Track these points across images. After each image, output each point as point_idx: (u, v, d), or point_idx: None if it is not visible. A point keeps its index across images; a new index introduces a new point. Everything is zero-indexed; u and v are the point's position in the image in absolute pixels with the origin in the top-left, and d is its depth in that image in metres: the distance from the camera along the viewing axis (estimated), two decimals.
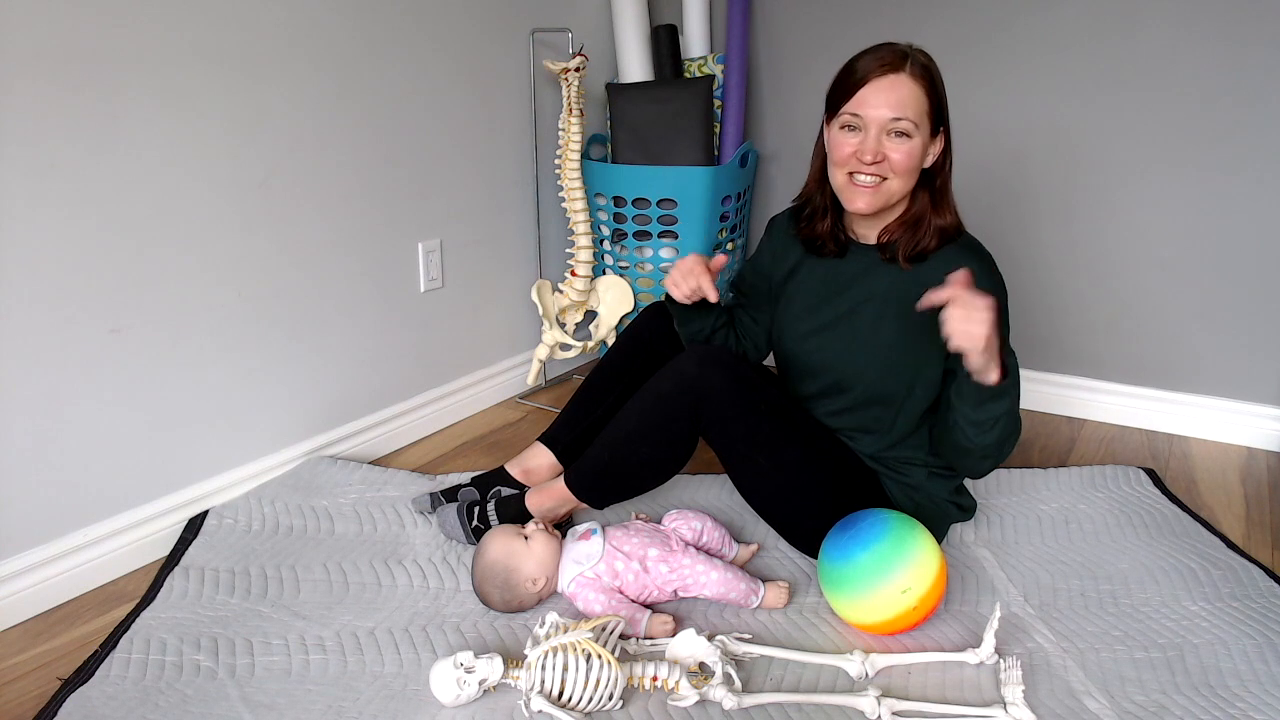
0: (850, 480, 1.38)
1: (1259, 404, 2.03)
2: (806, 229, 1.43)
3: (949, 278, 1.17)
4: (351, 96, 1.76)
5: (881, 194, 1.29)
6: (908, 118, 1.24)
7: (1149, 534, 1.57)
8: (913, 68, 1.25)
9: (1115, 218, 2.09)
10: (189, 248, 1.52)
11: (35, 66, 1.27)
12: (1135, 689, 1.17)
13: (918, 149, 1.27)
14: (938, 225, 1.31)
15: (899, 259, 1.32)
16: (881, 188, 1.28)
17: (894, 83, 1.24)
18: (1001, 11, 2.12)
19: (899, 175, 1.27)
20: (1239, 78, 1.90)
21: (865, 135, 1.26)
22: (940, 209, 1.32)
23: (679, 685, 1.12)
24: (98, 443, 1.43)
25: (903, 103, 1.24)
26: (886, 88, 1.24)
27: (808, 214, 1.44)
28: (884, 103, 1.24)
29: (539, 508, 1.45)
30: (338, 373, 1.85)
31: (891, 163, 1.26)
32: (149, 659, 1.22)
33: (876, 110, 1.25)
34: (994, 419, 1.22)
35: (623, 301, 2.25)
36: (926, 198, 1.32)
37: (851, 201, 1.31)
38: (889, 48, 1.27)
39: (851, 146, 1.27)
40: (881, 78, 1.24)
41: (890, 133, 1.25)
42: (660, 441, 1.36)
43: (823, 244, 1.41)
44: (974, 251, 1.32)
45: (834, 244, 1.40)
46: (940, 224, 1.31)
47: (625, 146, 2.23)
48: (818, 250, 1.43)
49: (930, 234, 1.31)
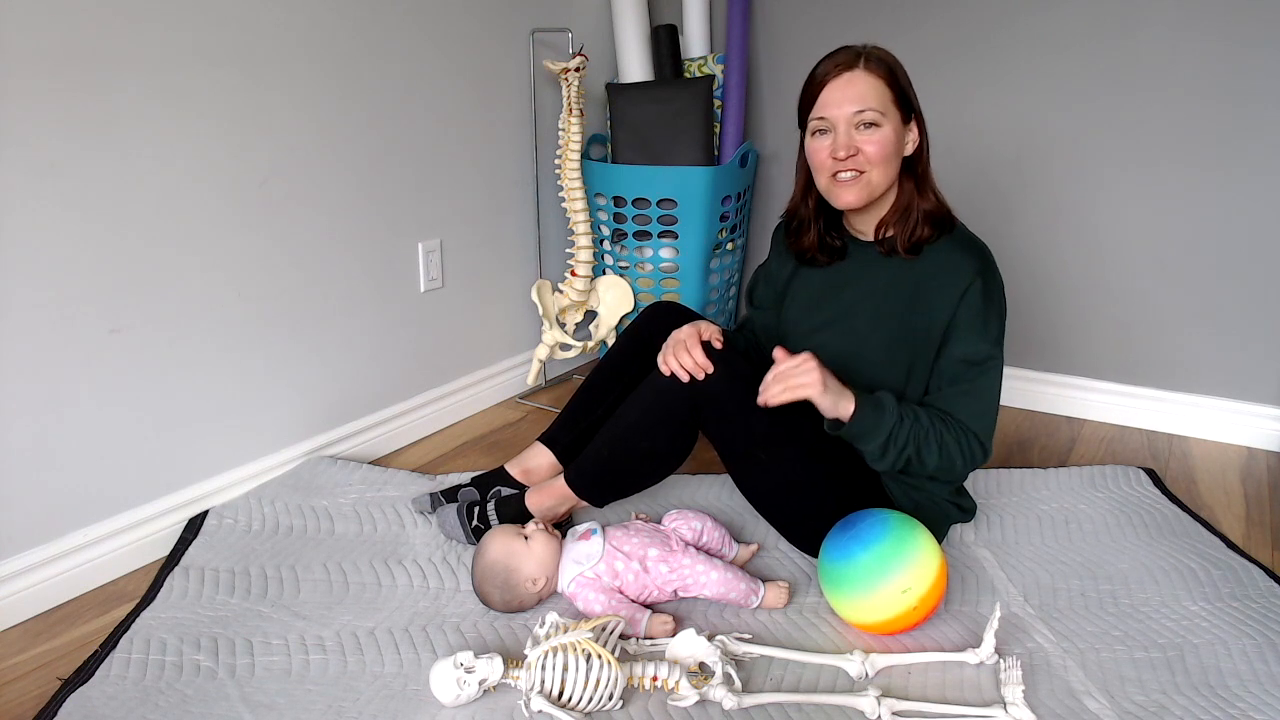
0: (851, 479, 1.39)
1: (1259, 404, 2.03)
2: (795, 243, 1.47)
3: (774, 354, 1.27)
4: (351, 96, 1.76)
5: (865, 186, 1.31)
6: (870, 107, 1.27)
7: (1149, 534, 1.57)
8: (867, 63, 1.29)
9: (1115, 218, 2.09)
10: (189, 248, 1.52)
11: (35, 66, 1.27)
12: (1135, 689, 1.17)
13: (890, 137, 1.29)
14: (924, 210, 1.33)
15: (899, 251, 1.34)
16: (863, 180, 1.30)
17: (850, 79, 1.28)
18: (1000, 12, 2.12)
19: (876, 165, 1.30)
20: (1238, 78, 1.91)
21: (835, 134, 1.30)
22: (924, 194, 1.34)
23: (679, 685, 1.12)
24: (98, 443, 1.43)
25: (862, 95, 1.27)
26: (844, 85, 1.28)
27: (795, 227, 1.47)
28: (844, 99, 1.28)
29: (539, 507, 1.46)
30: (338, 373, 1.85)
31: (866, 155, 1.29)
32: (149, 659, 1.22)
33: (839, 108, 1.28)
34: (880, 448, 1.27)
35: (623, 301, 2.25)
36: (911, 185, 1.35)
37: (839, 198, 1.33)
38: (843, 50, 1.31)
39: (826, 150, 1.31)
40: (838, 77, 1.29)
41: (858, 125, 1.28)
42: (660, 438, 1.36)
43: (812, 256, 1.44)
44: (971, 246, 1.33)
45: (825, 254, 1.43)
46: (926, 208, 1.33)
47: (625, 146, 2.23)
48: (809, 262, 1.46)
49: (919, 220, 1.33)
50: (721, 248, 2.32)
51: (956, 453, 1.30)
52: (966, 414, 1.31)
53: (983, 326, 1.30)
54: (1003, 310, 1.34)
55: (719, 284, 2.36)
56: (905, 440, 1.27)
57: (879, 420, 1.25)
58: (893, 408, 1.26)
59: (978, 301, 1.29)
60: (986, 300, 1.30)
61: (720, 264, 2.33)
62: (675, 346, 1.35)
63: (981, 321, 1.30)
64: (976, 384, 1.32)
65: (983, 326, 1.30)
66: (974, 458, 1.32)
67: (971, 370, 1.31)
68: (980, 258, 1.31)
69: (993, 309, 1.31)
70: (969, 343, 1.30)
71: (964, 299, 1.29)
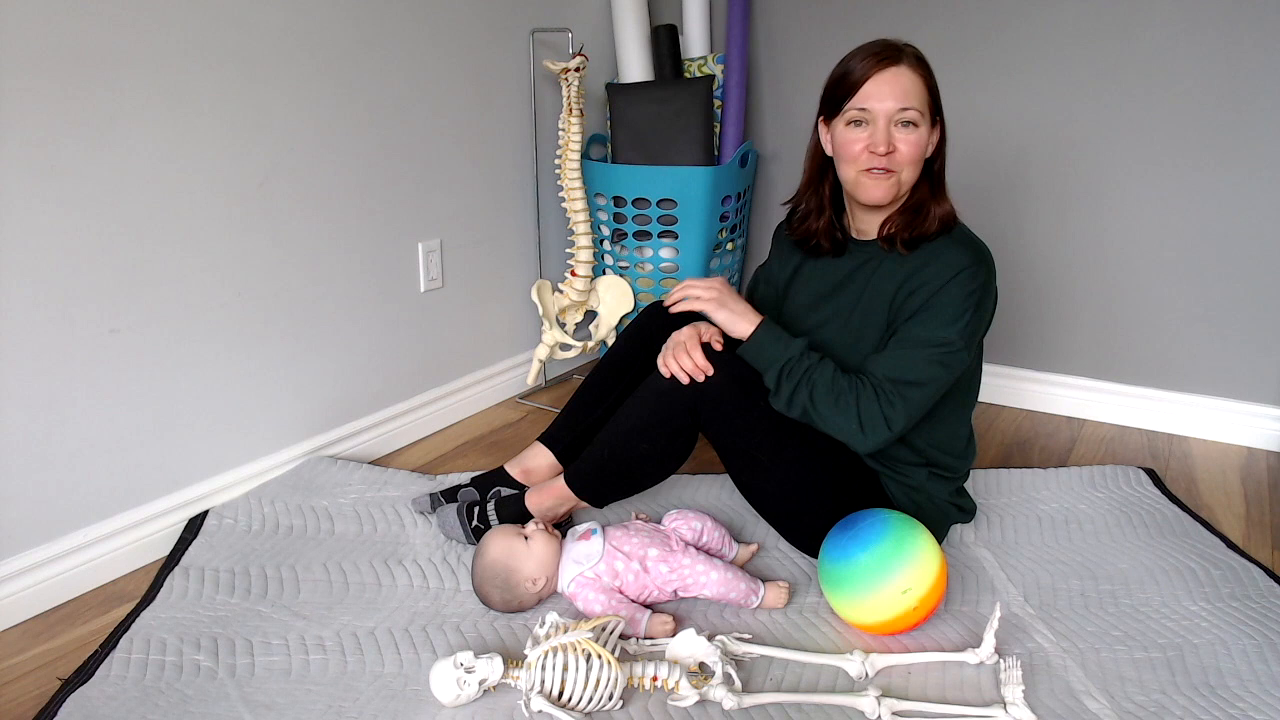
0: (850, 479, 1.39)
1: (1259, 404, 2.03)
2: (800, 228, 1.45)
3: None
4: (351, 96, 1.76)
5: (895, 185, 1.31)
6: (914, 107, 1.27)
7: (1149, 534, 1.57)
8: (909, 60, 1.29)
9: (1115, 218, 2.09)
10: (189, 248, 1.52)
11: (35, 66, 1.27)
12: (1135, 689, 1.17)
13: (924, 139, 1.30)
14: (939, 213, 1.32)
15: (897, 245, 1.33)
16: (893, 179, 1.30)
17: (896, 74, 1.27)
18: (1000, 12, 2.12)
19: (908, 165, 1.30)
20: (1238, 77, 1.91)
21: (874, 128, 1.28)
22: (940, 197, 1.34)
23: (679, 685, 1.12)
24: (98, 443, 1.43)
25: (907, 92, 1.27)
26: (890, 79, 1.27)
27: (801, 214, 1.46)
28: (889, 94, 1.27)
29: (539, 506, 1.46)
30: (338, 373, 1.85)
31: (901, 154, 1.29)
32: (149, 659, 1.22)
33: (883, 102, 1.27)
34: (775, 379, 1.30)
35: (622, 301, 2.25)
36: (926, 187, 1.34)
37: (868, 193, 1.32)
38: (883, 43, 1.29)
39: (862, 142, 1.29)
40: (883, 71, 1.27)
41: (898, 123, 1.28)
42: (660, 439, 1.36)
43: (817, 243, 1.43)
44: (968, 243, 1.31)
45: (829, 242, 1.42)
46: (940, 211, 1.33)
47: (625, 146, 2.23)
48: (813, 250, 1.45)
49: (931, 220, 1.32)
50: (721, 248, 2.32)
51: (854, 414, 1.26)
52: (882, 373, 1.27)
53: (954, 315, 1.26)
54: (982, 308, 1.30)
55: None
56: (800, 378, 1.27)
57: (776, 348, 1.30)
58: (799, 345, 1.29)
59: (957, 290, 1.26)
60: (967, 291, 1.26)
61: (720, 264, 2.33)
62: (675, 348, 1.34)
63: (955, 310, 1.26)
64: (910, 354, 1.27)
65: (954, 315, 1.26)
66: (875, 428, 1.26)
67: (916, 345, 1.27)
68: (975, 253, 1.29)
69: (970, 301, 1.27)
70: (929, 325, 1.27)
71: (945, 286, 1.26)
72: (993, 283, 1.32)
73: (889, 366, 1.28)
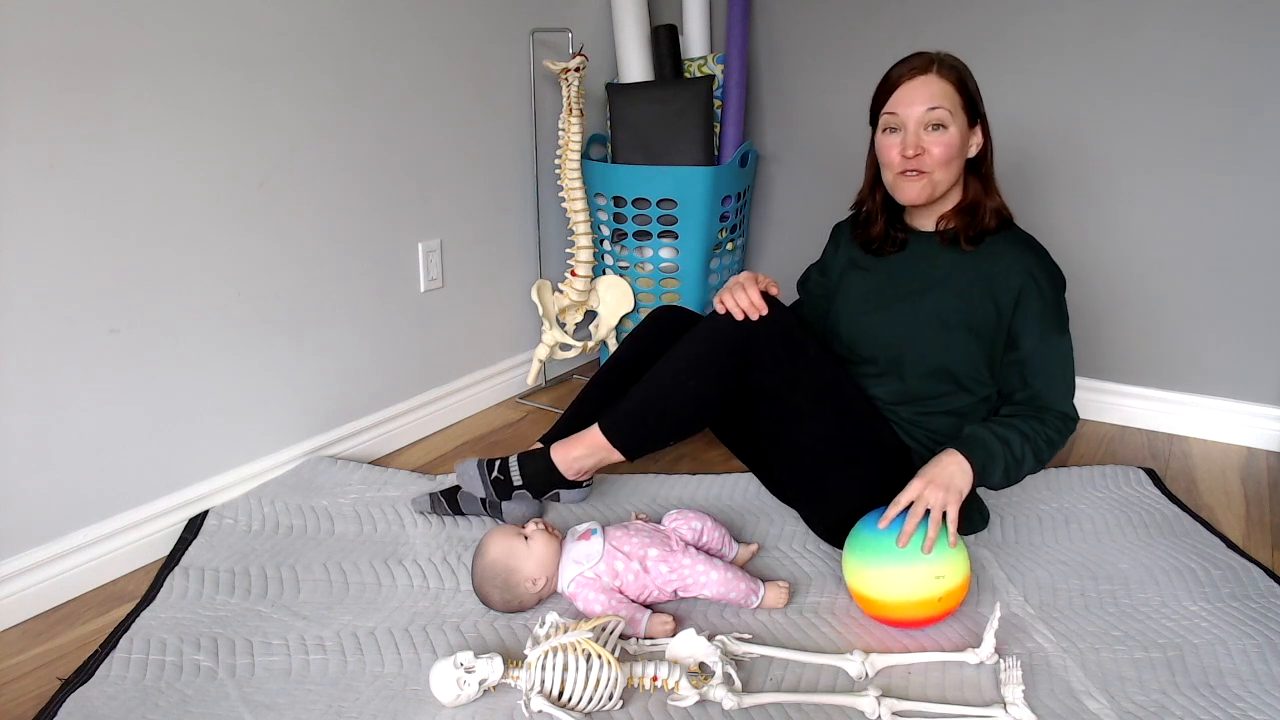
0: (884, 452, 1.43)
1: (1259, 404, 2.03)
2: (862, 234, 1.54)
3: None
4: (351, 96, 1.76)
5: (928, 185, 1.38)
6: (942, 107, 1.34)
7: (1149, 534, 1.57)
8: (940, 68, 1.36)
9: (1115, 218, 2.09)
10: (188, 248, 1.52)
11: (35, 65, 1.27)
12: (1135, 689, 1.17)
13: (955, 140, 1.36)
14: (992, 207, 1.42)
15: (960, 242, 1.41)
16: (925, 179, 1.38)
17: (924, 82, 1.36)
18: (1000, 13, 2.12)
19: (939, 166, 1.36)
20: (1239, 78, 1.91)
21: (904, 133, 1.37)
22: (991, 193, 1.43)
23: (679, 685, 1.12)
24: (98, 443, 1.43)
25: (932, 96, 1.35)
26: (918, 86, 1.36)
27: (863, 218, 1.54)
28: (917, 99, 1.35)
29: (565, 458, 1.45)
30: (338, 373, 1.85)
31: (931, 155, 1.35)
32: (149, 659, 1.22)
33: (911, 107, 1.35)
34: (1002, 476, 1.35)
35: (623, 301, 2.25)
36: (978, 184, 1.43)
37: (904, 193, 1.40)
38: (918, 55, 1.39)
39: (896, 147, 1.38)
40: (912, 79, 1.36)
41: (927, 126, 1.35)
42: (708, 376, 1.37)
43: (879, 246, 1.51)
44: (1030, 243, 1.41)
45: (891, 245, 1.50)
46: (994, 206, 1.42)
47: (625, 146, 2.23)
48: (876, 253, 1.52)
49: (989, 215, 1.41)
50: (721, 248, 2.32)
51: (1058, 438, 1.38)
52: (1053, 397, 1.39)
53: (1055, 317, 1.39)
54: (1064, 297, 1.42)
55: (719, 284, 2.36)
56: (1021, 453, 1.34)
57: (988, 458, 1.32)
58: (987, 438, 1.33)
59: (1048, 293, 1.38)
60: (1055, 290, 1.39)
61: (720, 264, 2.33)
62: (733, 287, 1.39)
63: (1054, 314, 1.39)
64: (1061, 370, 1.40)
65: (1055, 317, 1.39)
66: (1068, 432, 1.40)
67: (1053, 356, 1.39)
68: (1038, 253, 1.40)
69: (1060, 297, 1.40)
70: (1044, 334, 1.38)
71: (1032, 293, 1.37)
72: (1060, 271, 1.43)
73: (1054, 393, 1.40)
